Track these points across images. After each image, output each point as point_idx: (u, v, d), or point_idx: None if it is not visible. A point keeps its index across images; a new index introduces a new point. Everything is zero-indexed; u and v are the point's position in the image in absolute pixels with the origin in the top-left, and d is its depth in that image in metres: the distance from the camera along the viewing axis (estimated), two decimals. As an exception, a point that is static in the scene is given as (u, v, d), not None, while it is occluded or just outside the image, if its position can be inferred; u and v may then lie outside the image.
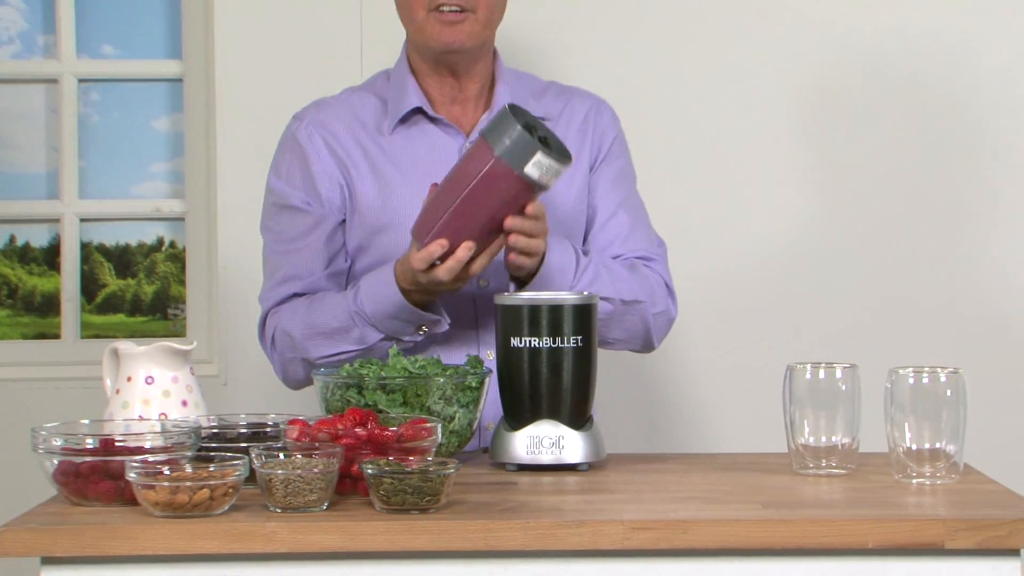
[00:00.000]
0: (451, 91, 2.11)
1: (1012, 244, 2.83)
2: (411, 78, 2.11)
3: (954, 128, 2.82)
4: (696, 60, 2.86)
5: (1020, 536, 1.51)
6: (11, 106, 3.01)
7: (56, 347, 3.01)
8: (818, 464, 1.79)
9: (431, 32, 2.03)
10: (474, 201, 1.86)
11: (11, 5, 3.00)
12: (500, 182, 1.84)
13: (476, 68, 2.10)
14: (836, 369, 1.77)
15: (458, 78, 2.10)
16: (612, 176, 2.16)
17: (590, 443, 1.83)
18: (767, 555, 1.52)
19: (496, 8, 2.07)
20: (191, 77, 2.96)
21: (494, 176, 1.84)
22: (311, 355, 2.02)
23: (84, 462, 1.60)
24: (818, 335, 2.79)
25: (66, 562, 1.51)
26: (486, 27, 2.06)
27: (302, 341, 2.03)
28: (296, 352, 2.04)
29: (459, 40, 2.02)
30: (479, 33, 2.04)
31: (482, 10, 2.03)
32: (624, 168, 2.19)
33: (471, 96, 2.12)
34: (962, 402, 1.72)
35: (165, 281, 3.04)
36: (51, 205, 3.01)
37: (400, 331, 1.98)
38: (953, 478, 1.73)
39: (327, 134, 2.11)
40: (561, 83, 2.24)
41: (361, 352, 1.99)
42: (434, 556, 1.52)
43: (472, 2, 2.01)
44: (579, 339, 1.81)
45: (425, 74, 2.11)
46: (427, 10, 2.02)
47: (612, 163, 2.17)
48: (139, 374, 1.79)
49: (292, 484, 1.55)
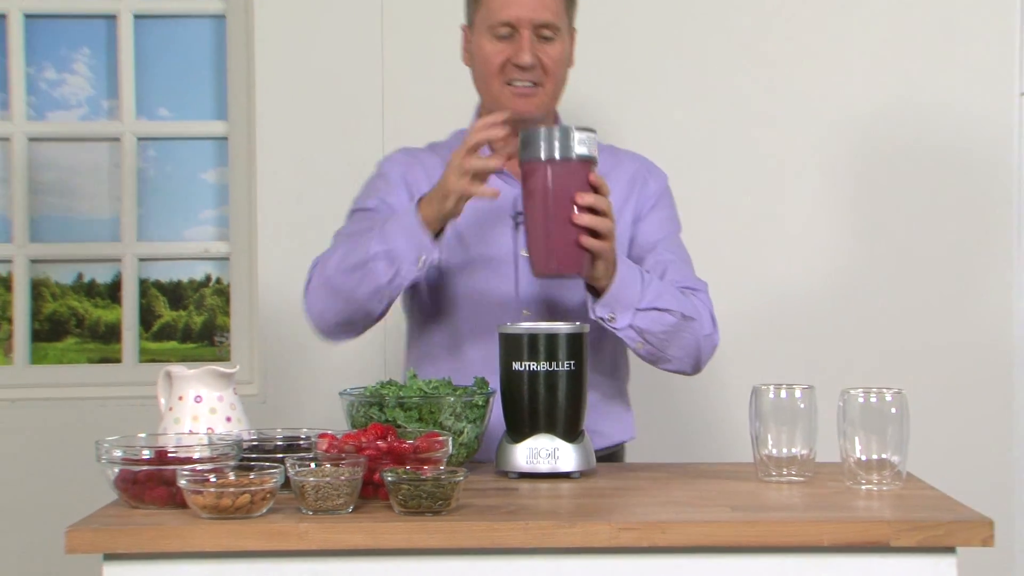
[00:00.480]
0: (515, 147, 2.06)
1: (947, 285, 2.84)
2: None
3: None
4: (740, 118, 2.84)
5: (956, 536, 1.51)
6: (79, 161, 3.02)
7: (117, 370, 3.00)
8: (780, 472, 1.78)
9: (506, 102, 2.02)
10: (560, 203, 1.82)
11: (80, 74, 3.02)
12: (565, 176, 1.82)
13: None
14: (795, 390, 1.77)
15: None
16: (657, 223, 2.11)
17: (582, 454, 1.82)
18: (736, 552, 1.52)
19: (560, 83, 2.07)
20: (235, 136, 2.97)
21: (559, 175, 1.81)
22: (333, 271, 1.94)
23: (141, 470, 1.60)
24: (791, 361, 2.80)
25: (125, 558, 1.50)
26: (552, 98, 2.06)
27: (333, 262, 1.95)
28: (324, 275, 1.96)
29: (529, 110, 2.02)
30: (546, 104, 2.05)
31: (549, 85, 2.03)
32: (669, 217, 2.14)
33: None
34: (905, 418, 1.72)
35: (212, 313, 3.04)
36: (113, 247, 3.02)
37: (406, 251, 1.88)
38: (897, 485, 1.72)
39: (405, 169, 2.11)
40: (615, 146, 2.20)
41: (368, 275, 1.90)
42: (446, 553, 1.52)
43: (541, 77, 2.01)
44: (572, 363, 1.81)
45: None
46: (503, 83, 2.02)
47: (657, 213, 2.12)
48: (189, 394, 1.78)
49: (322, 490, 1.54)
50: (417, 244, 1.88)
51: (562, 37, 2.04)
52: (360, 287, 1.91)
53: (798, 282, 2.83)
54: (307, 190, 2.85)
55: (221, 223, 3.02)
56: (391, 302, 1.96)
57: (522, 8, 1.99)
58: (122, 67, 2.99)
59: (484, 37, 2.03)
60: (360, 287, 1.91)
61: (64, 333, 3.03)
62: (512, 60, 2.00)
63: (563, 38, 2.05)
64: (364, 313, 1.96)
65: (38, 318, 3.02)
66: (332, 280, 1.94)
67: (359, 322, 1.99)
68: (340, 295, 1.94)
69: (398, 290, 1.92)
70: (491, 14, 2.01)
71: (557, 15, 2.02)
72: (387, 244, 1.88)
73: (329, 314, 1.98)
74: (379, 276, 1.89)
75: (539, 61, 2.01)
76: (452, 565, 1.52)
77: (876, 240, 2.84)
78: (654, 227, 2.11)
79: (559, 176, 1.82)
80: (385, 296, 1.92)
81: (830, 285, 2.83)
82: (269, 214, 2.87)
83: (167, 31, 3.01)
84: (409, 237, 1.88)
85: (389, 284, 1.90)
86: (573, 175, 1.83)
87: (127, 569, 1.51)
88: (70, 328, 3.02)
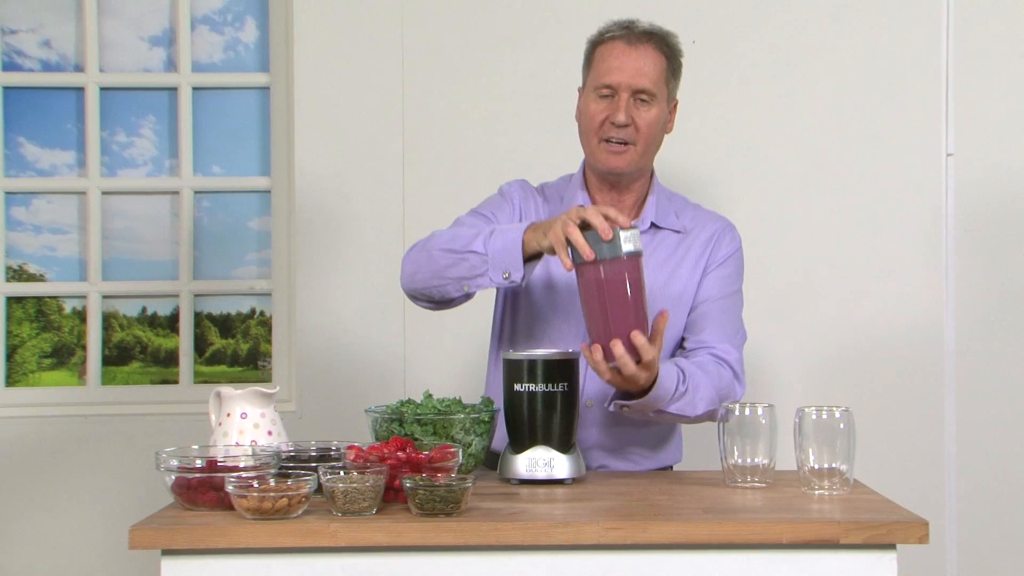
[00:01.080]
0: (611, 199, 2.02)
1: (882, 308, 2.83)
2: (582, 183, 2.05)
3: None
4: (816, 184, 2.80)
5: (896, 535, 1.50)
6: (144, 211, 3.02)
7: (175, 390, 2.99)
8: (744, 479, 1.77)
9: (599, 157, 1.98)
10: (617, 299, 1.71)
11: (146, 138, 3.02)
12: (622, 272, 1.71)
13: (633, 185, 2.02)
14: (758, 408, 1.76)
15: (619, 191, 2.02)
16: (718, 278, 2.02)
17: (574, 463, 1.81)
18: (706, 548, 1.51)
19: (653, 143, 1.99)
20: (276, 189, 2.98)
21: (613, 272, 1.71)
22: (437, 244, 1.87)
23: (194, 477, 1.59)
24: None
25: (180, 553, 1.50)
26: (643, 156, 1.98)
27: (441, 239, 1.88)
28: (429, 244, 1.88)
29: (620, 166, 1.97)
30: (637, 161, 1.98)
31: (640, 144, 1.96)
32: (731, 275, 2.04)
33: (627, 205, 2.03)
34: (852, 432, 1.71)
35: (256, 341, 3.03)
36: (172, 284, 3.01)
37: (499, 261, 1.79)
38: (845, 490, 1.71)
39: (522, 198, 2.06)
40: (703, 207, 2.11)
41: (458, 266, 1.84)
42: (457, 549, 1.51)
43: (633, 136, 1.95)
44: (565, 385, 1.80)
45: (593, 183, 2.04)
46: (599, 140, 1.97)
47: (722, 270, 2.03)
48: (236, 411, 1.78)
49: (350, 494, 1.53)
50: (509, 260, 1.79)
51: (659, 104, 1.97)
52: (450, 269, 1.85)
53: (749, 312, 2.81)
54: (337, 236, 2.85)
55: (264, 264, 3.02)
56: (468, 296, 1.89)
57: (623, 74, 1.94)
58: (181, 131, 3.00)
59: (590, 97, 1.98)
60: (450, 269, 1.85)
61: (130, 358, 3.02)
62: (610, 119, 1.95)
63: (660, 104, 1.97)
64: (443, 292, 1.88)
65: (108, 345, 3.01)
66: (432, 251, 1.87)
67: (436, 296, 1.90)
68: (432, 266, 1.87)
69: (477, 288, 1.85)
70: (597, 77, 1.97)
71: (656, 83, 1.96)
72: (487, 248, 1.81)
73: (419, 276, 1.90)
74: (468, 269, 1.83)
75: (633, 122, 1.95)
76: (462, 560, 1.51)
77: (823, 279, 2.83)
78: (713, 283, 2.02)
79: (616, 274, 1.71)
80: (464, 287, 1.85)
81: (785, 319, 2.82)
82: (305, 257, 2.86)
83: (220, 101, 3.02)
84: (506, 251, 1.80)
85: (472, 280, 1.83)
86: (631, 271, 1.71)
87: (182, 563, 1.50)
88: (135, 354, 3.02)
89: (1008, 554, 2.77)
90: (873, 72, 2.81)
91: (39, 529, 2.85)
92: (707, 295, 2.01)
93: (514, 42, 2.82)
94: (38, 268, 3.01)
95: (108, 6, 3.00)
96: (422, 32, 2.85)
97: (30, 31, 3.00)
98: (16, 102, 3.00)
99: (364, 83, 2.85)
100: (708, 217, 2.08)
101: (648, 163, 2.03)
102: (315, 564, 1.51)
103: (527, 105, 2.82)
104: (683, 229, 2.04)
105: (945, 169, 2.80)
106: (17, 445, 2.85)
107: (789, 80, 2.82)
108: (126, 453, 2.82)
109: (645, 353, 1.72)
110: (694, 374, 1.90)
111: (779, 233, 2.82)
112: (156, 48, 3.01)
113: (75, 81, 2.99)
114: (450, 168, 2.82)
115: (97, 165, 3.01)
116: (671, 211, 2.05)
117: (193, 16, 3.00)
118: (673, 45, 2.00)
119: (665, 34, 2.00)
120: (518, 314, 2.05)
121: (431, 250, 1.88)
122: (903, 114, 2.80)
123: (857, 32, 2.81)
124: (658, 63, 1.96)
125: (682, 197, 2.12)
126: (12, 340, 3.00)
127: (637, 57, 1.95)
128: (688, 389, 1.88)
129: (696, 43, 2.78)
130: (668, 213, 2.05)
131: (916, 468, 2.76)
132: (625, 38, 1.96)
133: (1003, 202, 2.80)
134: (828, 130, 2.82)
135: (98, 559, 2.84)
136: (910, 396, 2.79)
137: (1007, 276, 2.79)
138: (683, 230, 2.04)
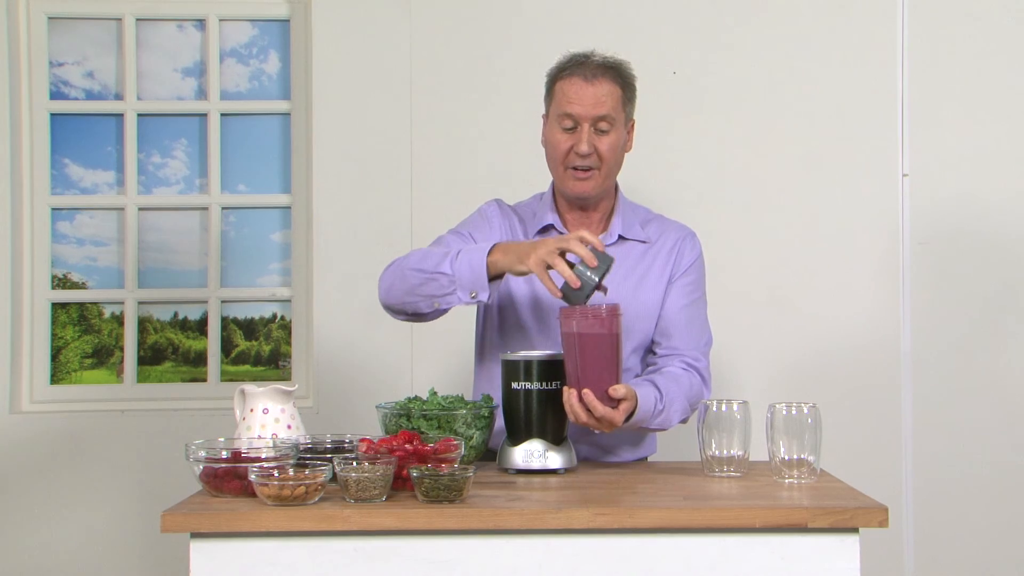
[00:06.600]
0: (579, 218, 2.01)
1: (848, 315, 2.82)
2: (552, 204, 2.02)
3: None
4: (780, 198, 2.78)
5: (859, 519, 1.50)
6: (176, 226, 3.01)
7: (203, 388, 2.98)
8: (721, 469, 1.76)
9: (567, 184, 1.95)
10: (591, 354, 1.71)
11: (179, 159, 3.02)
12: (598, 330, 1.70)
13: (600, 204, 2.01)
14: (734, 404, 1.76)
15: (585, 211, 2.01)
16: (683, 286, 2.00)
17: (566, 454, 1.80)
18: (687, 532, 1.51)
19: (615, 165, 1.97)
20: (297, 206, 2.97)
21: (589, 329, 1.70)
22: (410, 263, 1.84)
23: (220, 467, 1.59)
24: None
25: (208, 536, 1.49)
26: (607, 179, 1.96)
27: (415, 257, 1.86)
28: (404, 263, 1.86)
29: (586, 191, 1.95)
30: (601, 184, 1.95)
31: (604, 168, 1.94)
32: (694, 281, 2.02)
33: (594, 221, 2.01)
34: (819, 426, 1.70)
35: (277, 343, 3.02)
36: (201, 292, 3.00)
37: (465, 281, 1.78)
38: (813, 479, 1.70)
39: (501, 219, 2.03)
40: (666, 216, 2.09)
41: (428, 284, 1.82)
42: (459, 533, 1.50)
43: (596, 163, 1.93)
44: (558, 383, 1.79)
45: (563, 204, 2.02)
46: (564, 168, 1.94)
47: (686, 278, 2.01)
48: (258, 407, 1.77)
49: (362, 483, 1.52)
50: (475, 280, 1.78)
51: (617, 128, 1.94)
52: (421, 287, 1.83)
53: (727, 318, 2.80)
54: (351, 248, 2.85)
55: (285, 273, 3.01)
56: (439, 312, 1.86)
57: (583, 106, 1.90)
58: (210, 153, 2.99)
59: (554, 126, 1.95)
60: (421, 287, 1.83)
61: (163, 359, 3.01)
62: (574, 149, 1.93)
63: (618, 128, 1.94)
64: (415, 308, 1.86)
65: (143, 347, 3.00)
66: (406, 270, 1.85)
67: (409, 311, 1.88)
68: (405, 284, 1.85)
69: (448, 306, 1.83)
70: (558, 106, 1.94)
71: (614, 109, 1.92)
72: (454, 269, 1.79)
73: (393, 292, 1.87)
74: (437, 288, 1.81)
75: (596, 150, 1.92)
76: (464, 543, 1.50)
77: (792, 289, 2.82)
78: (679, 292, 2.00)
79: (585, 329, 1.70)
80: (435, 304, 1.83)
81: (758, 327, 2.81)
82: (322, 267, 2.86)
83: (245, 125, 3.01)
84: (472, 272, 1.78)
85: (442, 298, 1.82)
86: (596, 329, 1.70)
87: (210, 545, 1.49)
88: (167, 355, 3.01)
89: (959, 535, 2.77)
90: (832, 98, 2.81)
91: (80, 512, 2.84)
92: (675, 303, 1.99)
93: (518, 71, 2.81)
94: (80, 277, 3.00)
95: (145, 40, 3.00)
96: (429, 63, 2.84)
97: (75, 63, 3.00)
98: (62, 127, 2.99)
99: (376, 109, 2.85)
100: (670, 227, 2.06)
101: (612, 183, 2.01)
102: (330, 546, 1.50)
103: (529, 129, 2.80)
104: (648, 239, 2.03)
105: (901, 188, 2.80)
106: (60, 437, 2.84)
107: (754, 107, 2.82)
108: (159, 445, 2.80)
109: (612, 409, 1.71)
110: (669, 389, 1.88)
111: (750, 248, 2.81)
112: (188, 78, 3.01)
113: (115, 108, 2.99)
114: (454, 186, 2.81)
115: (134, 184, 3.00)
116: (636, 223, 2.04)
117: (222, 49, 3.00)
118: (626, 74, 1.97)
119: (618, 64, 1.96)
120: (497, 327, 2.03)
121: (404, 269, 1.86)
122: (861, 137, 2.80)
123: (816, 60, 2.81)
124: (613, 92, 1.93)
125: (645, 208, 2.11)
126: (57, 342, 2.99)
127: (595, 91, 1.91)
128: (665, 407, 1.86)
129: (676, 74, 2.78)
130: (633, 224, 2.03)
131: (876, 459, 2.76)
132: (582, 74, 1.92)
133: (955, 219, 2.80)
134: (792, 154, 2.82)
135: (133, 541, 2.83)
136: (871, 395, 2.79)
137: (957, 286, 2.79)
138: (648, 240, 2.03)
